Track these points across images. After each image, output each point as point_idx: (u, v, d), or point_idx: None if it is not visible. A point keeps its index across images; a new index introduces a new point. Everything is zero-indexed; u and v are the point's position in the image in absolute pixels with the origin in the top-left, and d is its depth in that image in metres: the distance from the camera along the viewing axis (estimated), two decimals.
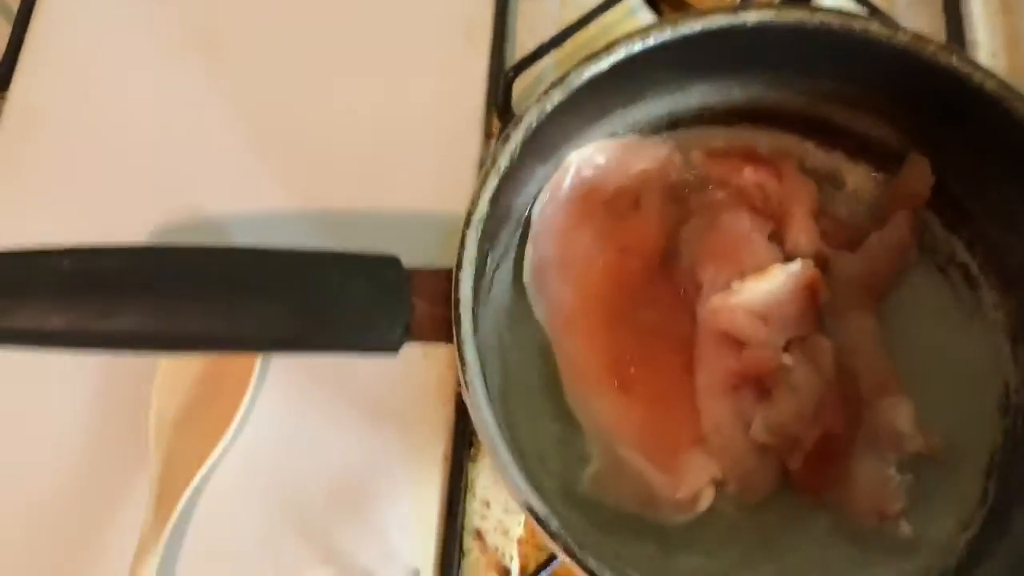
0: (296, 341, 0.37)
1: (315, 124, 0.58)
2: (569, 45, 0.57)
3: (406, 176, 0.56)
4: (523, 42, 0.60)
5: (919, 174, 0.47)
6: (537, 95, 0.41)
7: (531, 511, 0.35)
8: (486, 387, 0.37)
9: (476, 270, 0.39)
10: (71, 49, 0.61)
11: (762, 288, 0.43)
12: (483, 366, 0.39)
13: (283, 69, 0.60)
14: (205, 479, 0.50)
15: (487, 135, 0.58)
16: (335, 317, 0.37)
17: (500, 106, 0.57)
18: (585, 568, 0.34)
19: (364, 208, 0.55)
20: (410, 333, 0.38)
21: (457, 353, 0.37)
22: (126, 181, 0.57)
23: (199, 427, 0.50)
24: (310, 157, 0.57)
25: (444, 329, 0.38)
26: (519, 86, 0.57)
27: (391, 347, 0.38)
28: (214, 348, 0.39)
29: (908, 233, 0.47)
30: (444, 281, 0.38)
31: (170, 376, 0.51)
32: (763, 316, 0.44)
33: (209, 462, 0.49)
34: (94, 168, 0.57)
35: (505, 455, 0.36)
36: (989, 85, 0.41)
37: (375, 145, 0.57)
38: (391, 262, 0.39)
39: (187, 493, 0.48)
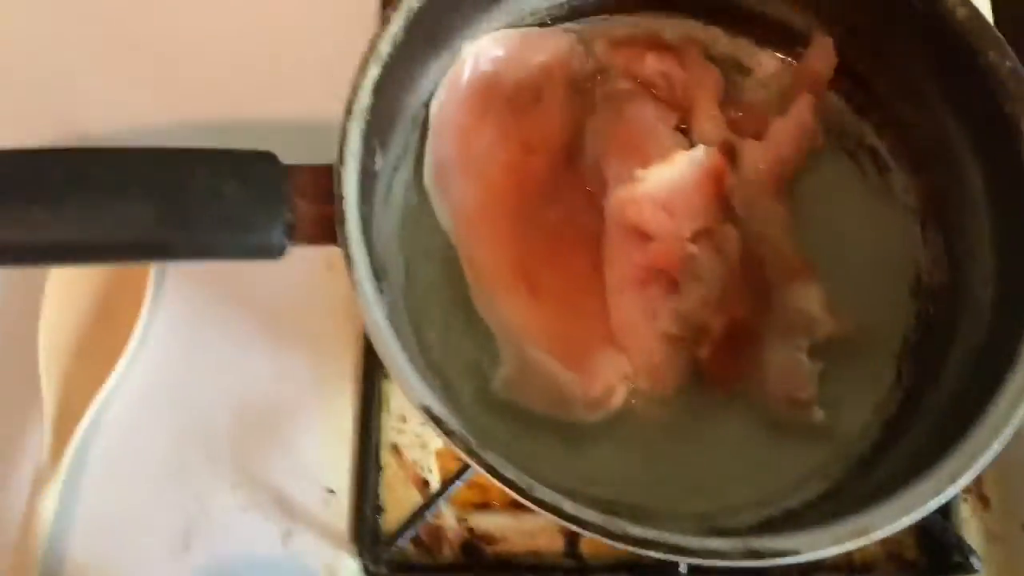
0: (163, 247, 0.35)
1: (188, 19, 0.55)
2: None
3: (293, 73, 0.53)
4: None
5: (822, 54, 0.46)
6: None
7: (427, 411, 0.34)
8: (379, 289, 0.36)
9: (362, 166, 0.37)
10: None
11: (665, 176, 0.42)
12: (383, 270, 0.37)
13: None
14: (104, 407, 0.48)
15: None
16: (205, 219, 0.35)
17: None
18: (484, 465, 0.33)
19: (249, 112, 0.52)
20: (292, 235, 0.36)
21: (344, 253, 0.35)
22: None
23: (93, 353, 0.48)
24: (185, 58, 0.54)
25: (331, 230, 0.35)
26: None
27: (273, 251, 0.36)
28: (71, 258, 0.36)
29: (811, 117, 0.46)
30: (326, 177, 0.36)
31: (58, 301, 0.48)
32: (668, 207, 0.43)
33: (106, 388, 0.47)
34: None
35: (399, 357, 0.34)
36: None
37: (257, 41, 0.54)
38: (265, 157, 0.36)
39: (85, 422, 0.46)
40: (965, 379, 0.41)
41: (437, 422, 0.34)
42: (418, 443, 0.48)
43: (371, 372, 0.48)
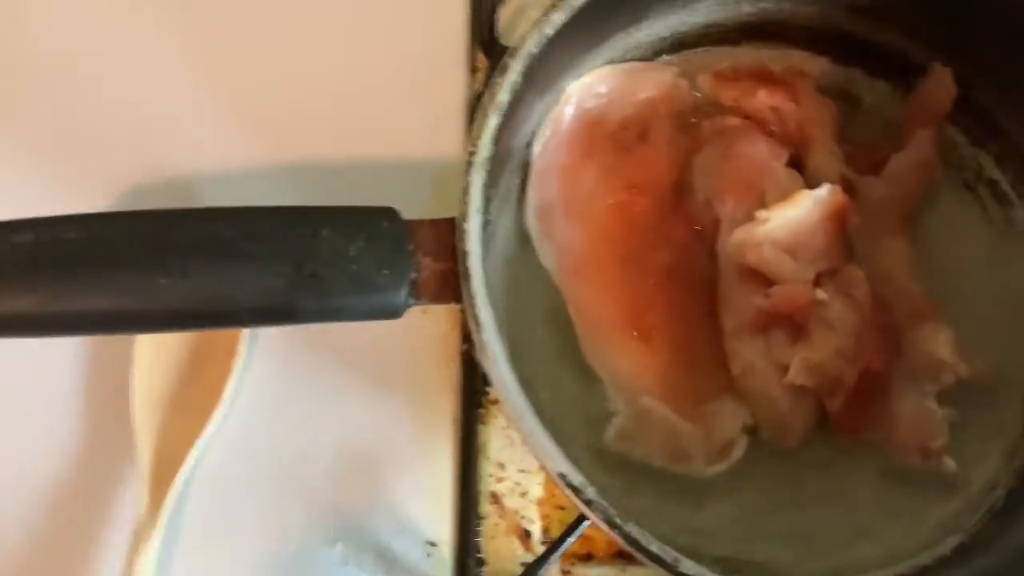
0: (290, 312, 0.33)
1: (286, 70, 0.53)
2: None
3: (387, 121, 0.52)
4: None
5: (941, 86, 0.44)
6: (536, 20, 0.37)
7: (565, 480, 0.32)
8: (503, 346, 0.34)
9: (483, 218, 0.35)
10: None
11: (788, 217, 0.40)
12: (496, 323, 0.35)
13: (248, 11, 0.55)
14: (200, 460, 0.46)
15: (472, 70, 0.53)
16: (331, 281, 0.33)
17: (485, 38, 0.52)
18: (626, 538, 0.32)
19: (345, 158, 0.51)
20: (416, 293, 0.35)
21: (470, 312, 0.33)
22: (81, 143, 0.52)
23: (188, 405, 0.47)
24: (282, 106, 0.52)
25: (452, 286, 0.34)
26: (504, 14, 0.52)
27: (397, 311, 0.34)
28: (198, 325, 0.35)
29: (931, 150, 0.44)
30: (448, 232, 0.34)
31: (150, 353, 0.47)
32: (791, 248, 0.41)
33: (201, 441, 0.46)
34: (44, 130, 0.52)
35: (531, 421, 0.33)
36: None
37: (352, 89, 0.53)
38: (388, 214, 0.35)
39: (181, 476, 0.45)
40: None
41: (576, 492, 0.32)
42: (518, 491, 0.47)
43: (469, 418, 0.47)
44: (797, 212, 0.40)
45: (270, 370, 0.48)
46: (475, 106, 0.50)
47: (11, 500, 0.46)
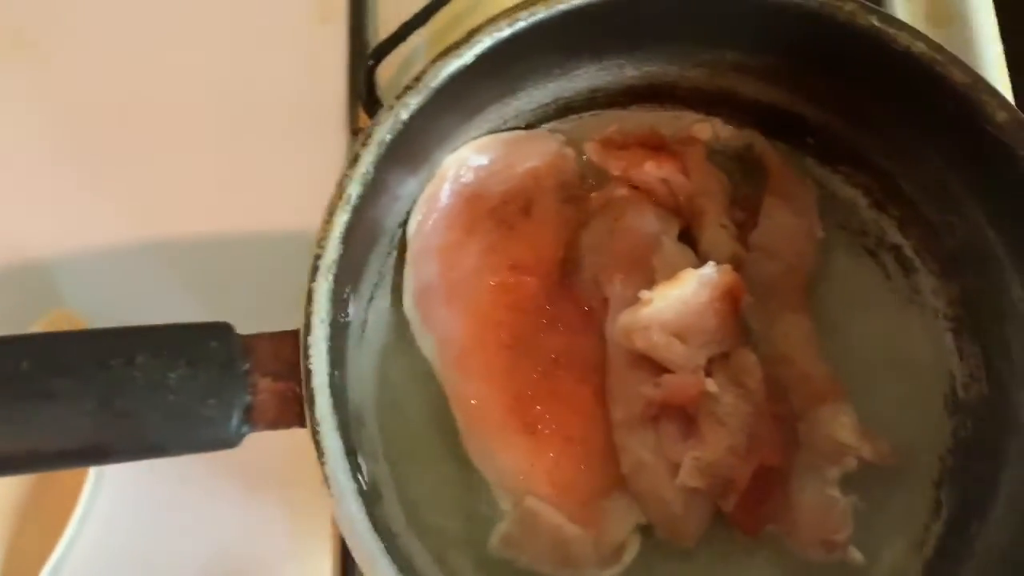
0: (103, 452, 0.30)
1: (150, 133, 0.50)
2: (440, 20, 0.50)
3: (260, 191, 0.49)
4: (386, 18, 0.52)
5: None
6: (388, 102, 0.34)
7: None
8: (357, 472, 0.31)
9: (332, 326, 0.32)
10: None
11: (674, 297, 0.37)
12: (359, 420, 0.32)
13: (108, 71, 0.51)
14: (57, 571, 0.42)
15: (353, 131, 0.50)
16: (145, 417, 0.29)
17: (364, 96, 0.49)
18: None
19: (214, 235, 0.48)
20: (251, 419, 0.31)
21: (313, 439, 0.30)
22: None
23: (39, 518, 0.44)
24: (144, 178, 0.49)
25: (295, 410, 0.31)
26: (385, 71, 0.49)
27: (229, 442, 0.31)
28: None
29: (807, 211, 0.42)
30: (290, 345, 0.31)
31: None
32: (680, 331, 0.38)
33: (54, 557, 0.42)
34: None
35: (381, 562, 0.29)
36: (917, 48, 0.36)
37: (220, 155, 0.50)
38: (218, 331, 0.31)
39: None
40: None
41: None
42: None
43: None
44: (683, 292, 0.37)
45: (129, 478, 0.44)
46: None
47: None
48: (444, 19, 0.50)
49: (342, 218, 0.32)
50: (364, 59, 0.50)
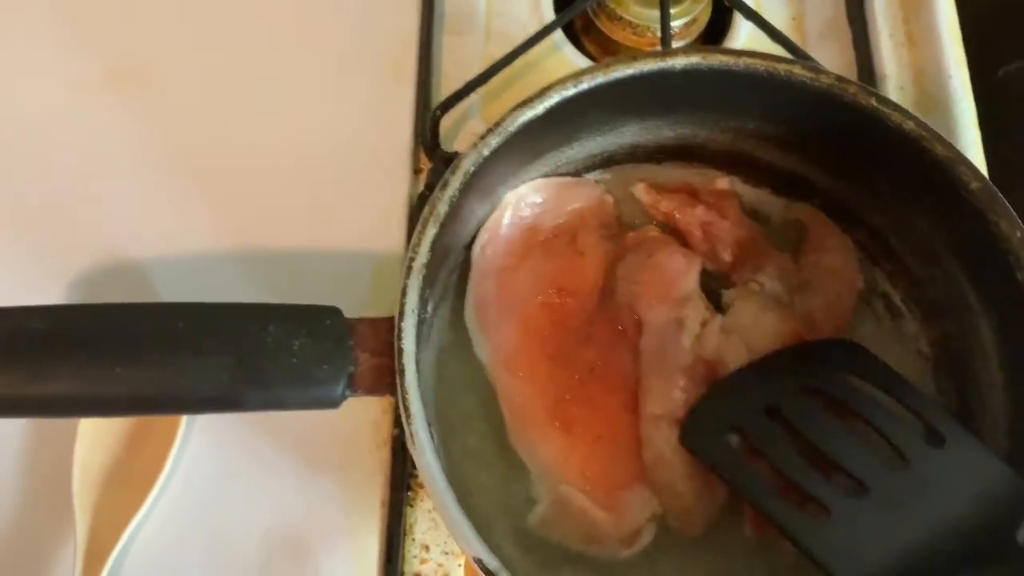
0: (233, 401, 0.36)
1: (239, 164, 0.57)
2: (495, 81, 0.57)
3: (334, 215, 0.55)
4: (448, 77, 0.60)
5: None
6: (475, 140, 0.41)
7: (481, 565, 0.35)
8: (432, 437, 0.37)
9: (418, 317, 0.38)
10: None
11: None
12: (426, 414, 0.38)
13: (203, 107, 0.58)
14: (134, 535, 0.48)
15: (415, 171, 0.58)
16: (273, 374, 0.36)
17: (428, 143, 0.56)
18: None
19: (292, 249, 0.54)
20: (352, 386, 0.38)
21: (402, 405, 0.37)
22: (35, 229, 0.54)
23: (126, 483, 0.48)
24: (234, 198, 0.56)
25: (387, 380, 0.37)
26: (445, 122, 0.57)
27: (335, 402, 0.37)
28: (148, 410, 0.37)
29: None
30: (386, 331, 0.38)
31: (92, 431, 0.49)
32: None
33: (137, 518, 0.48)
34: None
35: (455, 509, 0.35)
36: (908, 126, 0.43)
37: (302, 184, 0.56)
38: (331, 313, 0.38)
39: (115, 551, 0.47)
40: None
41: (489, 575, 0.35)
42: (440, 572, 0.49)
43: (397, 501, 0.49)
44: None
45: (206, 451, 0.50)
46: (417, 204, 0.55)
47: None
48: (499, 81, 0.58)
49: (432, 230, 0.39)
50: (430, 110, 0.57)
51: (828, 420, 0.40)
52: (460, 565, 0.49)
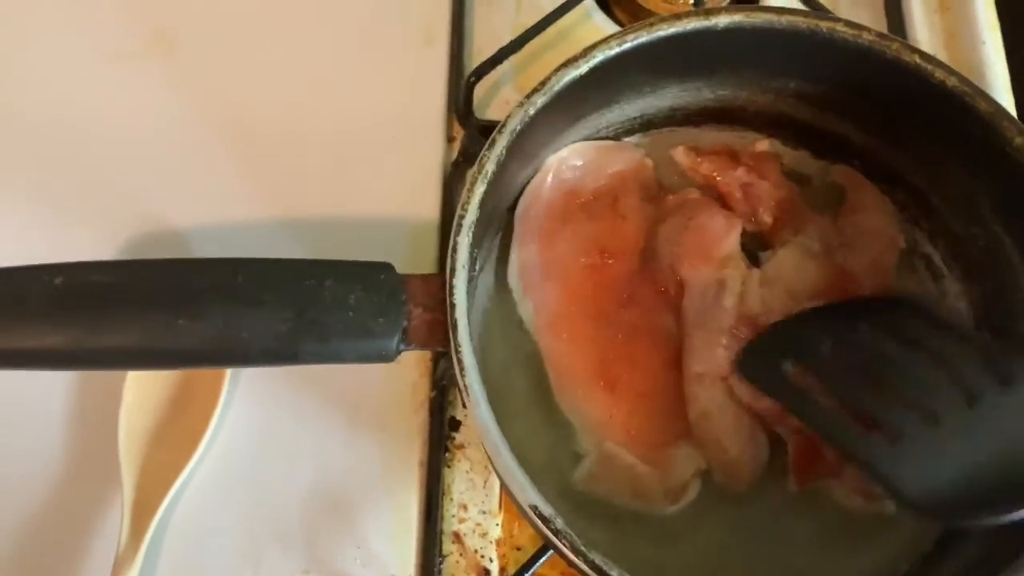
0: (293, 353, 0.37)
1: (276, 130, 0.57)
2: (526, 51, 0.58)
3: (369, 183, 0.56)
4: (480, 47, 0.61)
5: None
6: (521, 100, 0.41)
7: (536, 512, 0.35)
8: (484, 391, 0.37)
9: (467, 274, 0.39)
10: (16, 55, 0.59)
11: None
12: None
13: (241, 76, 0.59)
14: (180, 492, 0.49)
15: (448, 139, 0.58)
16: (332, 327, 0.37)
17: (461, 111, 0.57)
18: (590, 564, 0.35)
19: (328, 216, 0.55)
20: (407, 340, 0.38)
21: (455, 358, 0.37)
22: (82, 194, 0.55)
23: (172, 440, 0.49)
24: (271, 164, 0.56)
25: (440, 334, 0.38)
26: (478, 91, 0.57)
27: (390, 355, 0.38)
28: (209, 362, 0.38)
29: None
30: (438, 287, 0.38)
31: (139, 389, 0.50)
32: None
33: (183, 475, 0.49)
34: (46, 181, 0.55)
35: (509, 459, 0.36)
36: (951, 82, 0.43)
37: (337, 151, 0.57)
38: (385, 268, 0.39)
39: (162, 507, 0.48)
40: None
41: (545, 522, 0.35)
42: (478, 532, 0.50)
43: (435, 462, 0.50)
44: None
45: (250, 410, 0.51)
46: (450, 171, 0.55)
47: None
48: (530, 49, 0.58)
49: (480, 188, 0.40)
50: (463, 77, 0.57)
51: (898, 353, 0.41)
52: (498, 524, 0.50)
